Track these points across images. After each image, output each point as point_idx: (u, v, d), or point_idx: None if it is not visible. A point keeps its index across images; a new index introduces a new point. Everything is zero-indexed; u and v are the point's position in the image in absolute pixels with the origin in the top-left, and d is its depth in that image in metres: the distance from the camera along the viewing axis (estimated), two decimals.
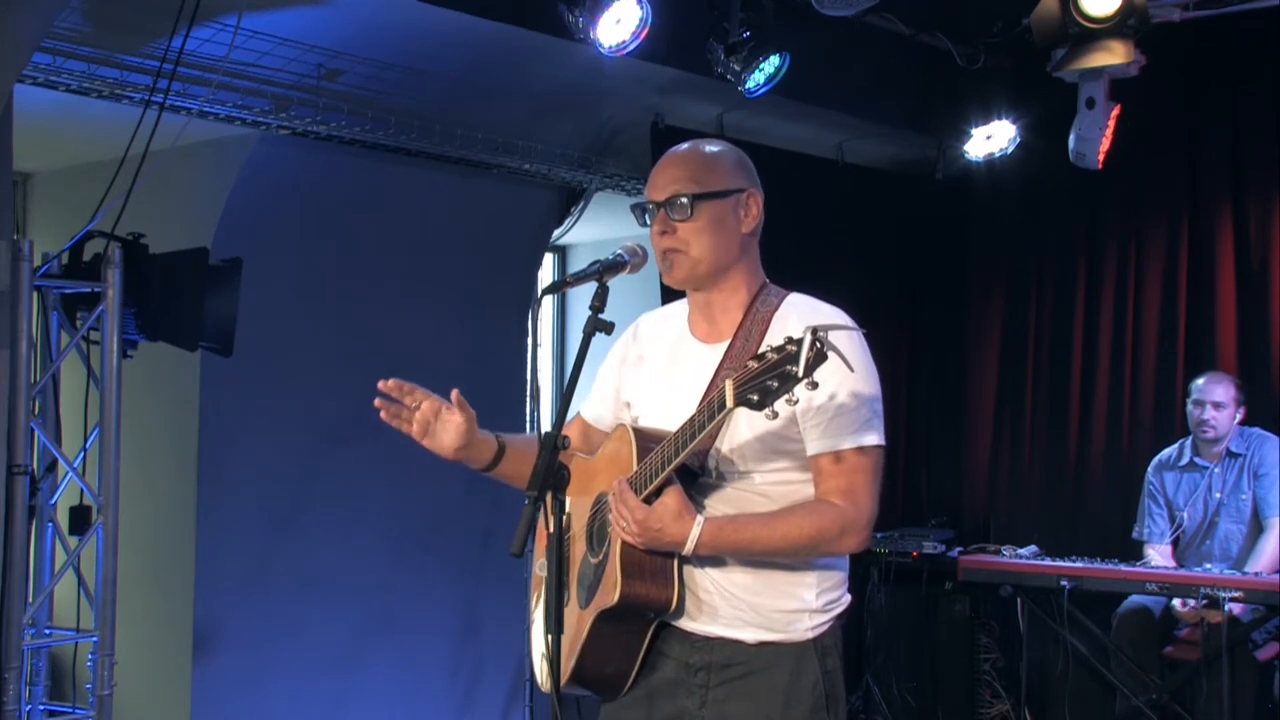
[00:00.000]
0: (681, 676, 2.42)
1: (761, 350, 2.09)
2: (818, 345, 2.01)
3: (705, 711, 2.40)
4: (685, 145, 2.52)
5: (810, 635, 2.40)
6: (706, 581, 2.39)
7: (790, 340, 2.05)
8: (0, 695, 3.79)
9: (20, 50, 3.64)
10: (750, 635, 2.38)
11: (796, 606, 2.39)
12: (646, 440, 2.36)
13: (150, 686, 4.84)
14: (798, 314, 2.41)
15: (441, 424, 2.52)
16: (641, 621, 2.40)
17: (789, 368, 2.03)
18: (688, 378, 2.45)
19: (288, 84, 4.51)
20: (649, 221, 2.45)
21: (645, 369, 2.57)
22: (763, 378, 2.06)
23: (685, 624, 2.41)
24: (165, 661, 4.85)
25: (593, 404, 2.70)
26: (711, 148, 2.50)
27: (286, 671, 5.01)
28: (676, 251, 2.42)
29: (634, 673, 2.44)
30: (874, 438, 2.36)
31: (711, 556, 2.36)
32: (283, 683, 5.00)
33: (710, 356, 2.45)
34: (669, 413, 2.38)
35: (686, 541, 2.28)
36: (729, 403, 2.11)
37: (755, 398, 2.07)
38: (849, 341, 2.21)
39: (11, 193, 4.01)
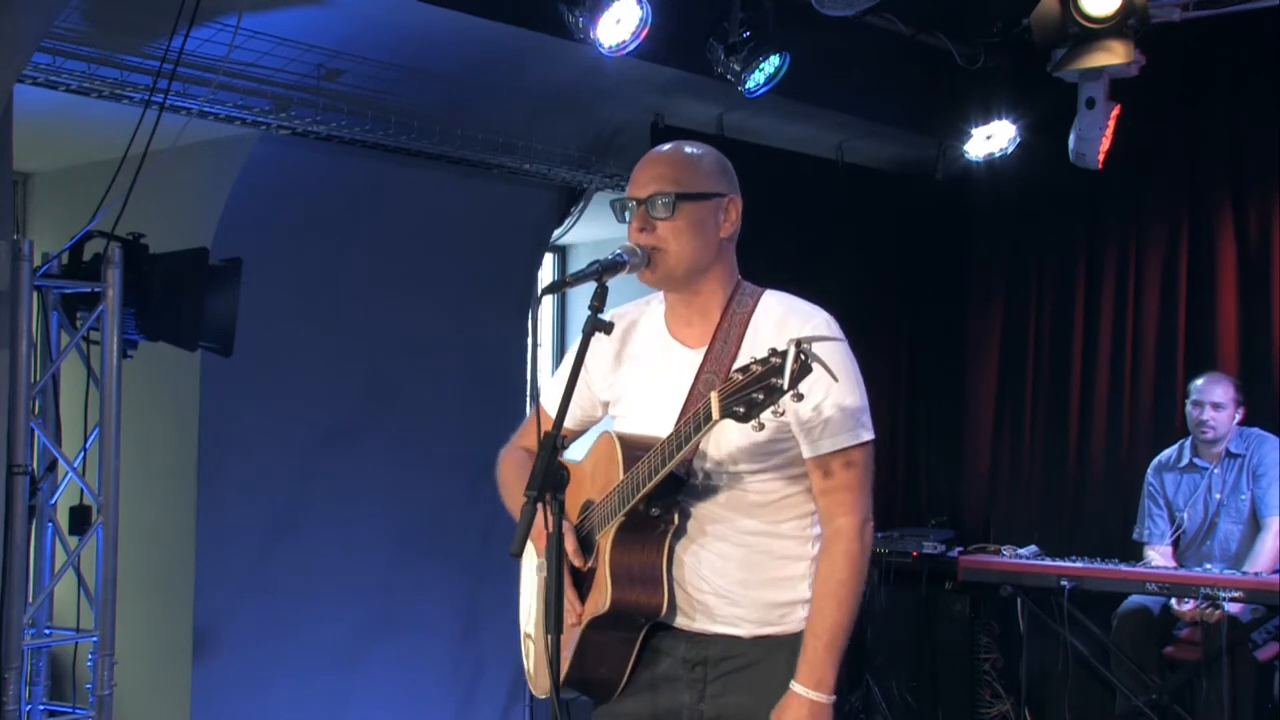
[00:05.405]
0: (679, 672, 2.43)
1: (744, 363, 2.07)
2: (802, 358, 1.99)
3: (704, 705, 2.42)
4: (668, 145, 2.51)
5: (805, 625, 2.39)
6: (699, 582, 2.40)
7: (774, 352, 2.03)
8: (0, 695, 3.79)
9: (20, 50, 3.64)
10: (747, 630, 2.41)
11: (791, 599, 2.41)
12: (632, 448, 2.37)
13: (150, 686, 4.84)
14: (773, 316, 2.42)
15: None
16: (633, 627, 2.41)
17: (774, 380, 2.01)
18: (670, 381, 2.45)
19: (288, 84, 4.51)
20: (627, 218, 2.44)
21: (628, 369, 2.54)
22: (747, 390, 2.04)
23: (682, 623, 2.42)
24: (165, 661, 4.85)
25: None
26: (695, 149, 2.49)
27: (286, 672, 5.01)
28: (655, 250, 2.40)
29: (627, 674, 2.45)
30: (867, 434, 2.38)
31: (702, 555, 2.39)
32: (283, 683, 5.00)
33: (691, 359, 2.45)
34: (653, 417, 2.41)
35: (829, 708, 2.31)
36: (715, 415, 2.10)
37: (741, 410, 2.05)
38: (832, 350, 2.21)
39: (11, 193, 4.00)
